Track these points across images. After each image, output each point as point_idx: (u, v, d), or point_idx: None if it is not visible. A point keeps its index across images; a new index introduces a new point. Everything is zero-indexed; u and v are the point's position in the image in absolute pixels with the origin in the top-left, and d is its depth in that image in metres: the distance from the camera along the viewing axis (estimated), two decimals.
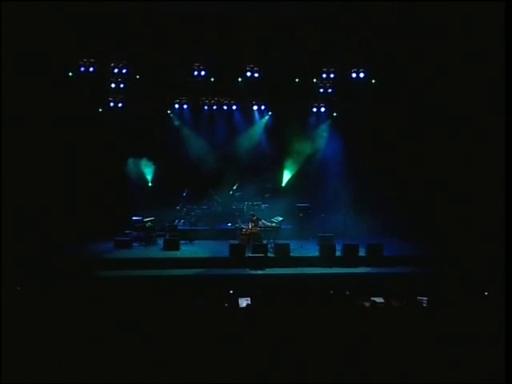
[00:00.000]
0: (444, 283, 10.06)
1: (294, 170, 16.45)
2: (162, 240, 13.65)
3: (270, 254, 12.62)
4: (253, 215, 13.74)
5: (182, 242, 13.72)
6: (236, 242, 13.34)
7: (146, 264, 12.07)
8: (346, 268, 12.06)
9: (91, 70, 14.17)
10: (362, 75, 14.79)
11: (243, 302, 7.82)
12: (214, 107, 16.02)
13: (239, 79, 15.06)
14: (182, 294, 8.73)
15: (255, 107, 16.32)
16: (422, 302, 7.61)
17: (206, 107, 16.02)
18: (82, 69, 14.14)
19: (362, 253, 12.59)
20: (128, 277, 11.20)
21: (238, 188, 15.80)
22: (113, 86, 14.74)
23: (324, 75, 15.02)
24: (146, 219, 14.20)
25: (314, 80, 15.26)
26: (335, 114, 16.29)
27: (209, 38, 13.58)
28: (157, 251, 13.35)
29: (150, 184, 16.21)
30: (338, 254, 12.58)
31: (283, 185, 16.63)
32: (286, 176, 16.55)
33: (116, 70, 14.46)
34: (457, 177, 13.67)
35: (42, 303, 6.95)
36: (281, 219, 14.04)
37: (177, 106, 15.94)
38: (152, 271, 11.65)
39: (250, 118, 16.53)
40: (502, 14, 7.66)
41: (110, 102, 15.30)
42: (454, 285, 9.45)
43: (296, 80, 15.00)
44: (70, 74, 14.25)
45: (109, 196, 14.73)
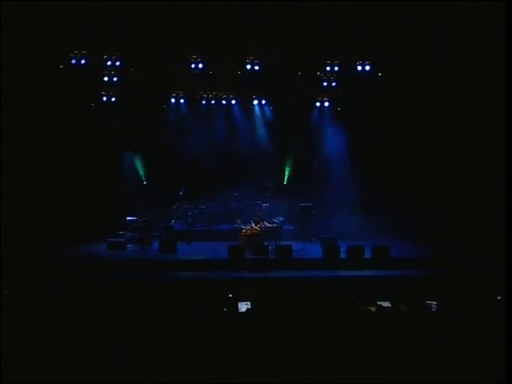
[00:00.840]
0: (455, 286, 10.02)
1: (296, 168, 16.43)
2: (158, 241, 13.62)
3: (270, 256, 12.61)
4: (257, 215, 13.71)
5: (179, 243, 13.68)
6: (235, 243, 13.31)
7: (140, 267, 12.05)
8: (351, 271, 12.03)
9: (83, 62, 14.12)
10: (367, 68, 14.74)
11: (243, 306, 7.83)
12: (213, 102, 16.01)
13: (238, 72, 15.01)
14: (179, 299, 8.73)
15: (255, 102, 16.29)
16: (431, 306, 7.59)
17: (203, 102, 16.00)
18: (73, 61, 14.09)
19: (367, 254, 12.55)
20: (121, 280, 11.17)
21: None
22: (106, 79, 14.70)
23: (328, 68, 14.96)
24: (140, 219, 14.18)
25: (318, 73, 15.22)
26: (339, 108, 16.25)
27: (206, 29, 13.51)
28: (152, 253, 13.32)
29: (145, 182, 16.22)
30: (342, 255, 12.55)
31: (285, 183, 16.64)
32: (288, 174, 16.53)
33: (109, 63, 14.42)
34: (468, 173, 13.64)
35: (31, 307, 6.98)
36: (282, 219, 14.02)
37: (173, 100, 15.93)
38: (147, 274, 11.63)
39: (249, 112, 16.51)
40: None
41: (103, 95, 15.27)
42: (466, 288, 9.43)
43: (298, 73, 14.96)
44: (61, 67, 14.21)
45: (101, 194, 14.73)
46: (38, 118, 13.60)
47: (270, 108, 16.51)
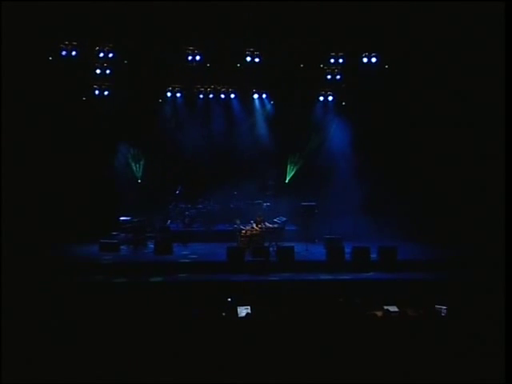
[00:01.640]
0: (466, 290, 10.00)
1: (299, 166, 16.45)
2: (153, 242, 13.60)
3: (271, 258, 12.59)
4: (259, 215, 13.69)
5: (175, 244, 13.66)
6: (235, 244, 13.29)
7: (134, 269, 12.02)
8: (357, 273, 12.02)
9: (74, 53, 14.08)
10: (374, 60, 14.71)
11: (242, 311, 7.84)
12: (211, 96, 16.05)
13: (238, 65, 14.99)
14: (175, 303, 8.72)
15: (256, 96, 16.30)
16: (441, 311, 7.57)
17: (201, 96, 16.04)
18: (64, 53, 14.05)
19: (373, 256, 12.54)
20: (114, 283, 11.15)
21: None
22: (98, 71, 14.70)
23: (332, 60, 14.94)
24: (135, 220, 14.16)
25: (321, 65, 15.20)
26: (344, 103, 16.24)
27: (204, 19, 13.47)
28: (147, 255, 13.32)
29: (140, 180, 16.22)
30: (347, 257, 12.54)
31: (286, 181, 16.64)
32: (290, 172, 16.53)
33: (101, 54, 14.38)
34: (479, 172, 13.59)
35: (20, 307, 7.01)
36: (284, 219, 14.02)
37: (169, 94, 15.96)
38: (141, 277, 11.60)
39: (249, 107, 16.51)
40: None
41: (95, 89, 15.30)
42: (478, 291, 9.40)
43: (301, 66, 14.94)
44: (50, 59, 14.18)
45: (94, 193, 14.73)
46: (25, 113, 13.54)
47: (271, 102, 16.53)
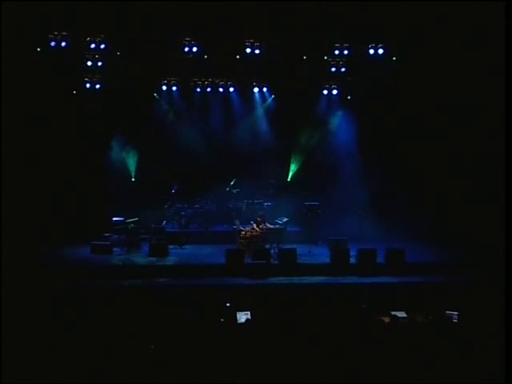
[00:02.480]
0: (479, 294, 9.99)
1: (302, 163, 16.43)
2: (148, 244, 13.60)
3: (272, 261, 12.60)
4: (260, 215, 13.68)
5: (171, 246, 13.70)
6: (234, 246, 13.30)
7: (128, 272, 12.02)
8: (362, 277, 12.03)
9: (63, 44, 14.10)
10: (380, 51, 14.72)
11: (242, 316, 7.83)
12: (208, 89, 16.05)
13: (237, 56, 14.99)
14: (171, 308, 8.73)
15: (256, 89, 16.30)
16: (451, 316, 7.57)
17: (198, 89, 16.05)
18: (53, 43, 14.06)
19: (380, 259, 12.55)
20: (107, 287, 11.15)
21: (235, 184, 15.76)
22: (89, 63, 14.71)
23: (337, 52, 14.95)
24: (128, 220, 14.16)
25: (325, 57, 15.20)
26: (349, 97, 16.25)
27: (201, 8, 13.46)
28: (141, 257, 13.32)
29: (134, 178, 16.22)
30: (352, 260, 12.55)
31: (289, 180, 16.65)
32: (292, 170, 16.54)
33: (93, 46, 14.39)
34: (491, 170, 13.57)
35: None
36: (286, 220, 14.02)
37: (164, 87, 15.97)
38: (135, 281, 11.61)
39: (249, 101, 16.51)
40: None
41: (87, 82, 15.31)
42: (491, 296, 9.37)
43: (304, 57, 14.94)
44: (38, 50, 14.17)
45: (85, 192, 14.73)
46: (12, 108, 13.51)
47: (272, 96, 16.51)
